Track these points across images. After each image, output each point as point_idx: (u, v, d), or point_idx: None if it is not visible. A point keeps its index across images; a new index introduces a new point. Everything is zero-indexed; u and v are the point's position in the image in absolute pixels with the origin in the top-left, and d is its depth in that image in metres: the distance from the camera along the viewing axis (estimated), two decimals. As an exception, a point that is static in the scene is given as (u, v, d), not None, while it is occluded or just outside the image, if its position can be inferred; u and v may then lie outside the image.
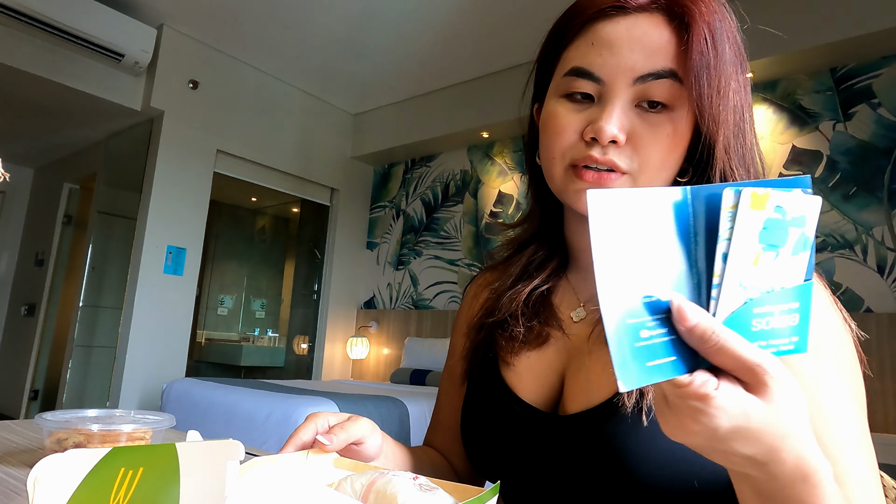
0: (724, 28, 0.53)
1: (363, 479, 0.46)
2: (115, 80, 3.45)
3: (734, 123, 0.54)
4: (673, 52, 0.52)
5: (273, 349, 5.64)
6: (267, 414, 2.42)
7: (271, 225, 6.28)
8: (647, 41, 0.52)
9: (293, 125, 4.26)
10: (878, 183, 2.67)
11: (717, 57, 0.52)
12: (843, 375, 0.50)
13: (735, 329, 0.33)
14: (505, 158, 4.02)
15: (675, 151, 0.54)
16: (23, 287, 4.97)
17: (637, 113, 0.53)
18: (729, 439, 0.32)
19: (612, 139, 0.52)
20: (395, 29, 3.40)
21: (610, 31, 0.53)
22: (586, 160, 0.54)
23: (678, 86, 0.52)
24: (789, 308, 0.34)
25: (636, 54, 0.52)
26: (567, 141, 0.56)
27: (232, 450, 0.35)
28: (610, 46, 0.53)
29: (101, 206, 3.92)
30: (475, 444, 0.64)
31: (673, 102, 0.53)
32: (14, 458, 0.72)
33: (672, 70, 0.52)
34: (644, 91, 0.53)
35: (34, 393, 4.54)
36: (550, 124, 0.57)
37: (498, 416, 0.61)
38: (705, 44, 0.51)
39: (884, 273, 2.62)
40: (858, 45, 2.66)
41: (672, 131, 0.53)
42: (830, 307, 0.53)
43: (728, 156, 0.54)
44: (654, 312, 0.34)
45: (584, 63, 0.54)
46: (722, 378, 0.32)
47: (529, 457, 0.58)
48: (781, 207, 0.33)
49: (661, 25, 0.53)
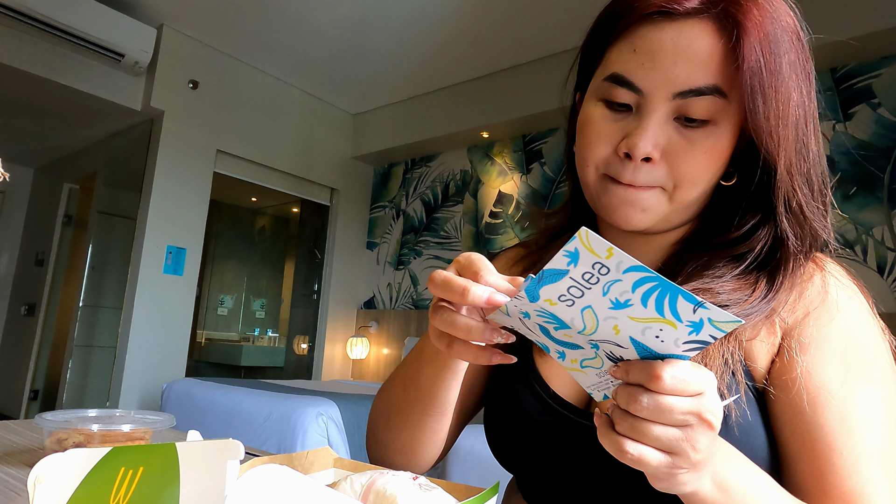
0: (784, 35, 0.49)
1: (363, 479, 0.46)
2: (115, 80, 3.45)
3: (796, 140, 0.50)
4: (719, 64, 0.48)
5: (273, 349, 5.64)
6: (267, 414, 2.42)
7: (271, 225, 6.28)
8: (692, 53, 0.49)
9: (293, 125, 4.25)
10: (878, 183, 2.67)
11: (775, 71, 0.48)
12: (874, 387, 0.49)
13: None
14: (505, 158, 4.02)
15: (714, 166, 0.52)
16: (23, 287, 4.97)
17: (675, 128, 0.51)
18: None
19: (646, 156, 0.51)
20: (395, 29, 3.40)
21: (654, 38, 0.50)
22: (619, 177, 0.53)
23: (722, 101, 0.49)
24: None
25: (679, 67, 0.49)
26: (602, 152, 0.54)
27: (232, 450, 0.35)
28: (653, 56, 0.50)
29: (101, 206, 3.92)
30: (502, 433, 0.62)
31: (715, 118, 0.50)
32: (14, 458, 0.72)
33: (716, 86, 0.49)
34: (684, 106, 0.50)
35: (34, 393, 4.54)
36: (587, 130, 0.56)
37: (530, 407, 0.59)
38: (760, 57, 0.47)
39: (884, 273, 2.61)
40: (858, 45, 2.66)
41: (710, 147, 0.51)
42: (870, 316, 0.53)
43: (790, 175, 0.51)
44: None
45: (625, 71, 0.52)
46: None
47: (558, 451, 0.57)
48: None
49: (711, 34, 0.49)
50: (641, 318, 0.33)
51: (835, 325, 0.51)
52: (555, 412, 0.58)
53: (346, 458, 0.56)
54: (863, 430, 0.47)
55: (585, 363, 0.39)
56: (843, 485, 0.47)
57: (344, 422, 2.43)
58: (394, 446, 0.64)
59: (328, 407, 2.42)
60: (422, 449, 0.63)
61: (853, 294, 0.54)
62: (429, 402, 0.57)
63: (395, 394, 0.63)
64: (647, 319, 0.33)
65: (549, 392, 0.59)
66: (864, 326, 0.52)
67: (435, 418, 0.59)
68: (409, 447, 0.63)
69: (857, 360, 0.50)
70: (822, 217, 0.53)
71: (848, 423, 0.48)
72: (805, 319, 0.52)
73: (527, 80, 3.65)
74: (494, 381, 0.65)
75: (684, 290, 0.31)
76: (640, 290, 0.32)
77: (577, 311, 0.35)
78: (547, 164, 3.76)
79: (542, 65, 3.56)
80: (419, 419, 0.60)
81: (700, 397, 0.36)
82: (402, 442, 0.63)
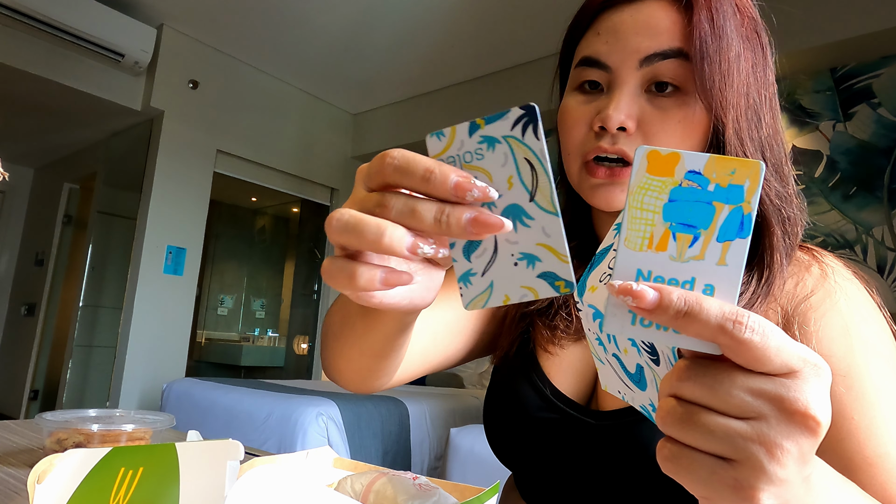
0: (732, 11, 0.51)
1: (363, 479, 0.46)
2: (115, 79, 3.45)
3: (746, 107, 0.51)
4: (680, 32, 0.51)
5: (273, 349, 5.64)
6: (267, 414, 2.42)
7: (271, 225, 6.28)
8: (653, 23, 0.51)
9: (293, 125, 4.25)
10: (878, 183, 2.67)
11: (720, 37, 0.50)
12: (879, 360, 0.48)
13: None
14: (505, 158, 4.02)
15: (690, 139, 0.52)
16: (23, 287, 4.97)
17: (647, 98, 0.52)
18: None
19: (621, 126, 0.51)
20: (395, 29, 3.40)
21: (615, 18, 0.53)
22: (597, 152, 0.53)
23: (688, 65, 0.50)
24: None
25: (641, 36, 0.51)
26: (578, 135, 0.55)
27: (232, 450, 0.35)
28: (615, 32, 0.53)
29: (101, 206, 3.92)
30: (502, 427, 0.61)
31: (683, 84, 0.51)
32: (14, 458, 0.72)
33: (679, 49, 0.50)
34: (652, 73, 0.51)
35: (34, 393, 4.54)
36: (563, 119, 0.57)
37: (531, 403, 0.59)
38: (707, 23, 0.50)
39: (884, 273, 2.61)
40: (858, 45, 2.66)
41: (683, 117, 0.51)
42: (869, 299, 0.52)
43: (741, 141, 0.51)
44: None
45: (592, 52, 0.54)
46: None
47: (558, 448, 0.57)
48: (699, 174, 0.26)
49: (667, 8, 0.52)
50: None
51: (836, 306, 0.51)
52: (556, 408, 0.58)
53: (346, 458, 0.56)
54: (872, 395, 0.47)
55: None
56: (863, 450, 0.46)
57: (344, 422, 2.43)
58: (339, 363, 0.53)
59: (328, 407, 2.42)
60: (372, 364, 0.51)
61: (851, 277, 0.53)
62: (380, 360, 0.49)
63: (336, 315, 0.52)
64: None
65: (551, 388, 0.59)
66: (865, 307, 0.51)
67: (391, 359, 0.49)
68: (356, 361, 0.51)
69: (859, 336, 0.49)
70: (782, 188, 0.52)
71: (855, 391, 0.47)
72: (804, 304, 0.51)
73: (527, 80, 3.65)
74: (498, 380, 0.65)
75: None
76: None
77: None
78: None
79: (542, 65, 3.56)
80: (367, 338, 0.47)
81: (794, 379, 0.25)
82: (349, 357, 0.51)
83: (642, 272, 0.26)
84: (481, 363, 3.68)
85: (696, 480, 0.26)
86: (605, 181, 0.53)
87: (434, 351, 0.62)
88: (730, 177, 0.25)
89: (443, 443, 2.54)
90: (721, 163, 0.25)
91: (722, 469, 0.25)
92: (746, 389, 0.25)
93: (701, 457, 0.25)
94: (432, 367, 0.63)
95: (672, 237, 0.26)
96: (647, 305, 0.25)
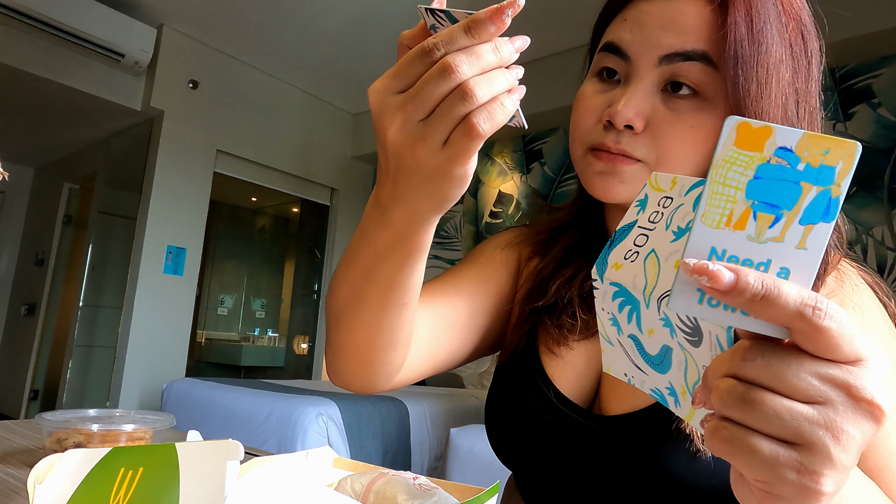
0: (776, 13, 0.48)
1: (363, 479, 0.46)
2: (115, 80, 3.45)
3: (783, 120, 0.49)
4: (708, 34, 0.48)
5: (273, 349, 5.64)
6: (267, 414, 2.42)
7: (271, 225, 6.28)
8: (681, 20, 0.48)
9: (293, 125, 4.25)
10: (878, 183, 2.67)
11: (759, 41, 0.47)
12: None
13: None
14: (505, 158, 4.02)
15: (701, 146, 0.49)
16: (23, 287, 4.97)
17: (662, 98, 0.50)
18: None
19: (627, 124, 0.49)
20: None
21: (644, 8, 0.51)
22: (601, 146, 0.51)
23: (711, 72, 0.48)
24: None
25: (666, 32, 0.49)
26: (587, 124, 0.54)
27: (232, 450, 0.35)
28: (640, 22, 0.50)
29: (101, 206, 3.92)
30: (504, 428, 0.61)
31: (703, 89, 0.48)
32: (14, 458, 0.72)
33: (703, 53, 0.47)
34: (671, 72, 0.49)
35: (34, 393, 4.54)
36: (576, 105, 0.55)
37: (534, 405, 0.58)
38: (744, 25, 0.46)
39: (884, 273, 2.61)
40: (858, 45, 2.66)
41: (698, 123, 0.48)
42: (882, 314, 0.51)
43: None
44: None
45: (615, 38, 0.52)
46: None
47: (560, 450, 0.56)
48: (790, 151, 0.24)
49: (700, 5, 0.48)
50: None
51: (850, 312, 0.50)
52: (559, 411, 0.57)
53: (346, 458, 0.56)
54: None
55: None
56: (865, 461, 0.45)
57: (344, 422, 2.43)
58: (347, 349, 0.51)
59: (328, 407, 2.42)
60: (379, 352, 0.51)
61: (861, 282, 0.53)
62: (390, 292, 0.47)
63: (343, 295, 0.50)
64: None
65: (555, 390, 0.58)
66: (874, 314, 0.51)
67: (395, 312, 0.48)
68: (363, 348, 0.51)
69: (887, 339, 0.49)
70: None
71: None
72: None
73: (526, 80, 3.63)
74: (500, 380, 0.64)
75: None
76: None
77: (640, 266, 0.30)
78: (547, 163, 3.75)
79: (542, 64, 3.56)
80: (376, 316, 0.48)
81: (861, 367, 0.25)
82: (356, 343, 0.50)
83: (716, 251, 0.25)
84: (481, 363, 3.68)
85: (756, 463, 0.25)
86: (605, 169, 0.52)
87: (439, 346, 0.60)
88: (823, 157, 0.24)
89: (443, 443, 2.54)
90: (815, 140, 0.24)
91: (786, 452, 0.24)
92: (815, 374, 0.25)
93: (762, 439, 0.25)
94: (438, 364, 0.62)
95: (752, 216, 0.25)
96: (723, 287, 0.24)
